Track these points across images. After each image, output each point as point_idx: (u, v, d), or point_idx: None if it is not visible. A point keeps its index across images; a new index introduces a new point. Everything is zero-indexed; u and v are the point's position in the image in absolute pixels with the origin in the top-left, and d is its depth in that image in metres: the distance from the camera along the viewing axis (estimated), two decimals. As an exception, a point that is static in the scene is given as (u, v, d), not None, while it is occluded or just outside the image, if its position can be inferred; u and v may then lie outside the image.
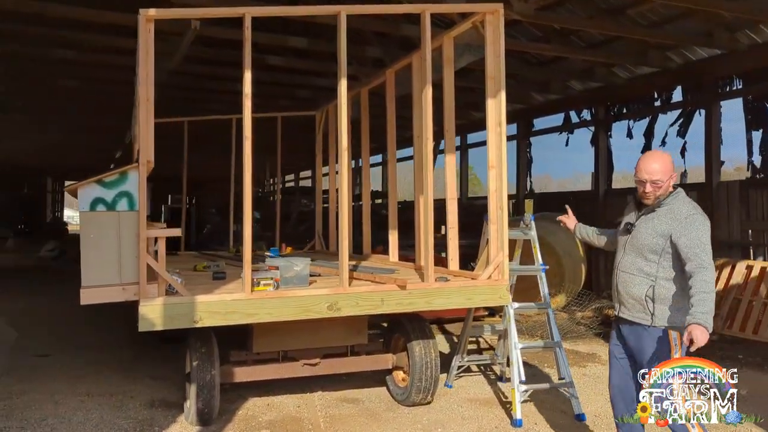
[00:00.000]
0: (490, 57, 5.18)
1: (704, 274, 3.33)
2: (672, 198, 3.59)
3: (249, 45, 4.48)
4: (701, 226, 3.45)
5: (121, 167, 4.34)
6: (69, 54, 10.65)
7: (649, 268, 3.55)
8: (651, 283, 3.53)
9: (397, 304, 4.74)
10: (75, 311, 8.55)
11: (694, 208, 3.55)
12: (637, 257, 3.61)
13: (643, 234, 3.59)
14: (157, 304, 4.09)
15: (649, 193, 3.60)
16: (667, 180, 3.58)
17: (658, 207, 3.59)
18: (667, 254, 3.51)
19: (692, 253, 3.38)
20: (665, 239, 3.49)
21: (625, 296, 3.65)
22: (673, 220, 3.49)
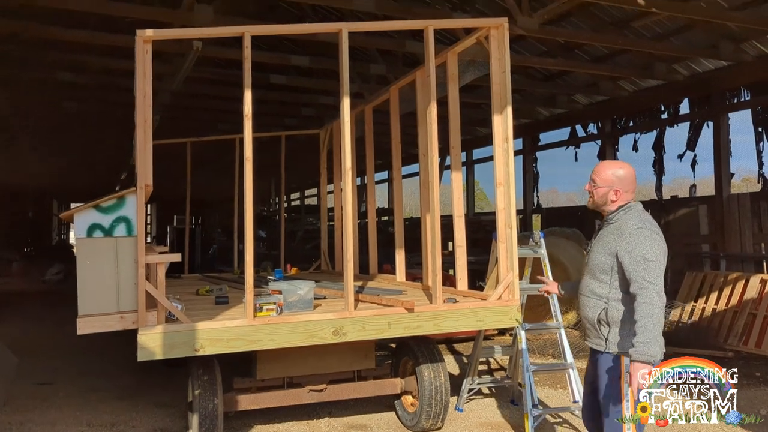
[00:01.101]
0: (496, 72, 5.08)
1: (645, 296, 3.08)
2: (623, 212, 3.33)
3: (249, 64, 4.39)
4: (646, 242, 3.16)
5: (121, 191, 4.24)
6: (72, 77, 10.64)
7: (601, 289, 3.32)
8: (603, 305, 3.30)
9: (405, 328, 4.60)
10: (78, 336, 8.45)
11: (643, 222, 3.25)
12: (591, 279, 3.39)
13: (594, 254, 3.38)
14: (157, 333, 3.96)
15: (589, 190, 3.45)
16: (603, 186, 3.37)
17: (610, 224, 3.36)
18: (616, 273, 3.26)
19: (634, 271, 3.13)
20: (612, 257, 3.25)
21: (584, 320, 3.45)
22: (619, 237, 3.25)
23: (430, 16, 7.96)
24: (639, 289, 3.10)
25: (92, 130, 15.78)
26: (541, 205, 15.47)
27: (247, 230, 4.34)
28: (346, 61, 4.69)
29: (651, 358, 3.01)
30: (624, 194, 3.36)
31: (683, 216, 11.09)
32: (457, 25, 6.66)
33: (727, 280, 9.17)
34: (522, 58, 10.39)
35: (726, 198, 10.20)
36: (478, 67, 5.78)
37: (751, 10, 8.24)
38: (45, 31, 8.55)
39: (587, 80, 11.76)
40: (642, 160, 12.36)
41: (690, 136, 11.17)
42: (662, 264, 3.16)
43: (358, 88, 11.09)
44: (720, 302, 9.03)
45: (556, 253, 8.76)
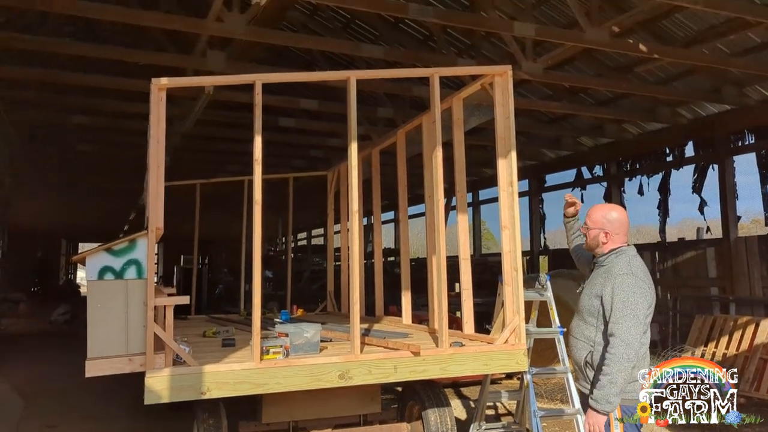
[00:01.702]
0: (500, 118, 5.17)
1: (612, 345, 3.12)
2: (614, 256, 3.36)
3: (260, 111, 4.49)
4: (628, 289, 3.17)
5: (134, 232, 4.31)
6: (85, 119, 10.87)
7: (589, 332, 3.34)
8: (590, 348, 3.31)
9: (411, 372, 4.58)
10: (84, 378, 8.43)
11: (630, 268, 3.27)
12: (580, 321, 3.42)
13: (584, 296, 3.42)
14: (164, 376, 3.97)
15: (584, 232, 3.50)
16: (594, 228, 3.42)
17: (600, 266, 3.40)
18: (602, 317, 3.27)
19: (612, 317, 3.16)
20: (599, 300, 3.28)
21: (574, 362, 3.46)
22: (606, 280, 3.28)
23: (436, 62, 8.14)
24: (611, 336, 3.15)
25: (102, 171, 16.01)
26: (548, 246, 15.46)
27: (256, 272, 4.38)
28: (354, 108, 4.79)
29: (603, 408, 3.07)
30: (614, 237, 3.40)
31: (691, 259, 11.06)
32: (462, 73, 6.81)
33: (737, 324, 9.09)
34: (527, 101, 10.56)
35: (733, 241, 10.19)
36: (483, 111, 5.89)
37: (752, 56, 8.39)
38: (60, 76, 8.78)
39: (592, 123, 11.91)
40: (648, 201, 12.43)
41: (696, 179, 11.22)
42: (643, 312, 3.17)
43: (366, 131, 11.27)
44: (730, 347, 8.93)
45: (564, 295, 8.69)
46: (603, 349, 3.24)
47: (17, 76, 8.58)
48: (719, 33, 8.01)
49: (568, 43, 7.45)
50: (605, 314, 3.24)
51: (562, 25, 8.47)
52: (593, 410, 3.12)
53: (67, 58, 9.15)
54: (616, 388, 3.09)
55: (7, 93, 9.13)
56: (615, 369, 3.09)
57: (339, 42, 9.20)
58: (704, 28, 8.14)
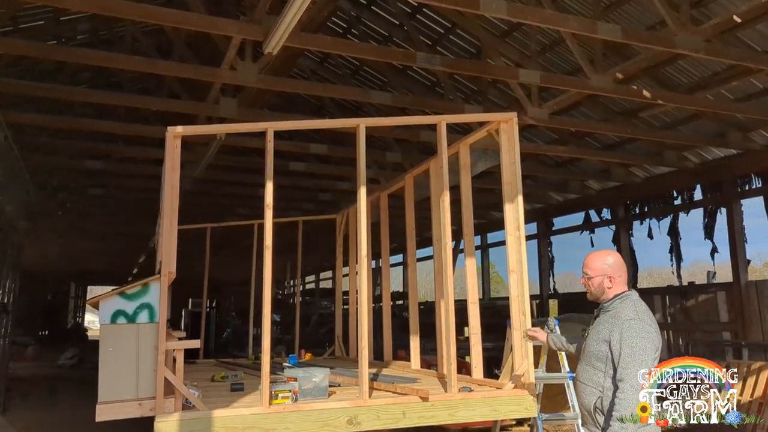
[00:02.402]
0: (506, 163, 5.26)
1: (623, 390, 3.14)
2: (619, 301, 3.41)
3: (271, 158, 4.60)
4: (636, 334, 3.22)
5: (144, 274, 4.37)
6: (97, 164, 11.07)
7: (597, 377, 3.35)
8: (599, 393, 3.32)
9: (420, 417, 4.56)
10: (91, 425, 8.38)
11: (637, 313, 3.32)
12: (587, 366, 3.42)
13: (590, 341, 3.42)
14: (174, 420, 3.97)
15: (585, 284, 3.55)
16: (597, 276, 3.47)
17: (606, 312, 3.43)
18: (610, 362, 3.29)
19: (621, 362, 3.19)
20: (607, 345, 3.30)
21: (581, 407, 3.47)
22: (613, 325, 3.31)
23: (444, 108, 8.31)
24: (620, 381, 3.18)
25: (113, 215, 16.20)
26: (557, 290, 15.39)
27: (265, 318, 4.41)
28: (363, 154, 4.90)
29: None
30: (617, 280, 3.47)
31: (702, 303, 10.98)
32: (468, 120, 6.94)
33: (751, 369, 8.95)
34: (534, 145, 10.69)
35: (744, 285, 10.13)
36: (490, 157, 5.99)
37: (755, 101, 8.51)
38: (74, 122, 9.00)
39: (599, 166, 12.00)
40: (658, 245, 12.41)
41: (706, 224, 11.22)
42: (650, 356, 3.20)
43: (375, 174, 11.41)
44: (744, 393, 8.77)
45: (573, 339, 8.67)
46: (612, 393, 3.25)
47: (33, 122, 8.80)
48: (722, 79, 8.14)
49: (573, 89, 7.59)
50: (614, 359, 3.26)
51: (567, 71, 8.65)
52: None
53: (82, 105, 9.38)
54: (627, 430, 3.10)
55: (24, 138, 9.34)
56: (625, 414, 3.10)
57: (348, 89, 9.41)
58: (707, 74, 8.28)
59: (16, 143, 9.04)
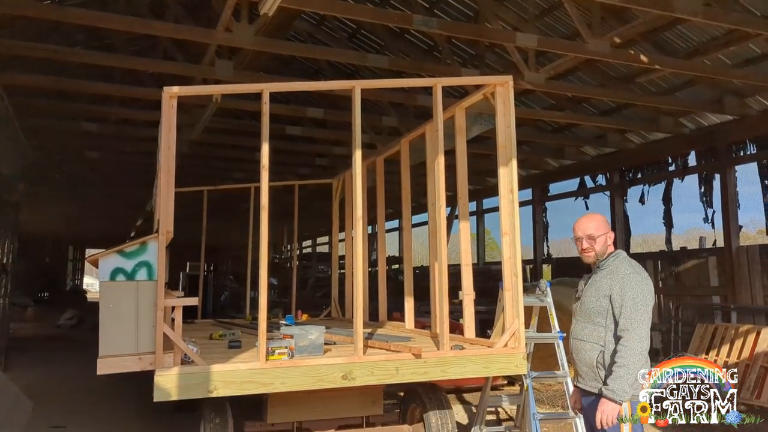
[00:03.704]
0: (501, 127, 5.29)
1: (627, 339, 3.25)
2: (612, 258, 3.54)
3: (267, 119, 4.63)
4: (637, 286, 3.35)
5: (141, 237, 4.44)
6: (93, 127, 11.04)
7: (598, 332, 3.45)
8: (601, 348, 3.42)
9: (413, 374, 4.69)
10: (90, 380, 8.54)
11: (633, 267, 3.46)
12: (586, 323, 3.53)
13: (589, 298, 3.53)
14: (173, 374, 4.09)
15: (587, 248, 3.59)
16: (601, 235, 3.57)
17: (600, 269, 3.55)
18: (611, 316, 3.41)
19: (623, 313, 3.30)
20: (607, 300, 3.41)
21: (580, 364, 3.55)
22: (612, 280, 3.43)
23: (440, 72, 8.28)
24: (623, 332, 3.28)
25: (109, 178, 16.21)
26: (551, 254, 15.54)
27: (262, 276, 4.50)
28: (359, 117, 4.92)
29: (619, 398, 3.20)
30: (612, 237, 3.62)
31: (693, 268, 11.12)
32: (464, 83, 6.95)
33: (739, 332, 9.15)
34: (530, 111, 10.69)
35: (735, 250, 10.25)
36: (485, 120, 6.02)
37: (753, 66, 8.49)
38: (71, 84, 8.95)
39: (595, 132, 12.02)
40: (653, 211, 12.51)
41: (703, 191, 11.28)
42: (650, 308, 3.33)
43: (371, 139, 11.41)
44: (731, 355, 8.99)
45: (565, 302, 8.80)
46: (614, 346, 3.35)
47: (29, 83, 8.75)
48: (720, 44, 8.12)
49: (570, 53, 7.57)
50: (614, 313, 3.37)
51: (565, 35, 8.60)
52: (609, 400, 3.23)
53: (78, 66, 9.32)
54: (631, 378, 3.22)
55: (19, 101, 9.30)
56: (631, 361, 3.22)
57: (345, 52, 9.35)
58: (705, 39, 8.25)
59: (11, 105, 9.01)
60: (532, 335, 5.66)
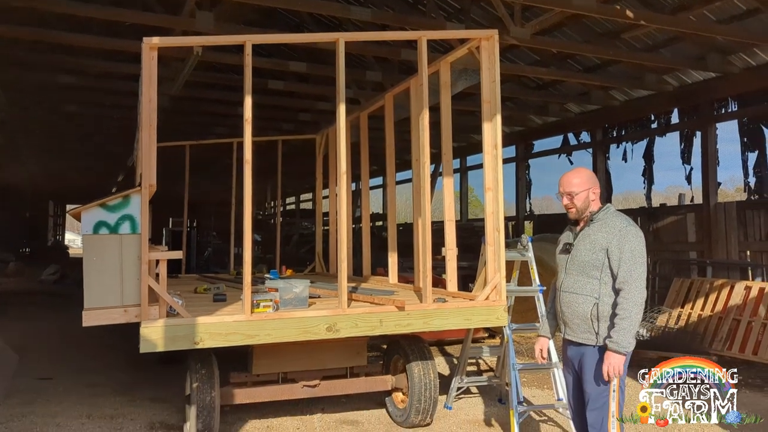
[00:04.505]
0: (486, 82, 5.28)
1: (628, 291, 3.31)
2: (603, 212, 3.56)
3: (249, 71, 4.57)
4: (634, 239, 3.39)
5: (124, 191, 4.42)
6: (73, 80, 10.81)
7: (592, 285, 3.47)
8: (595, 301, 3.45)
9: (396, 325, 4.78)
10: (76, 334, 8.60)
11: (627, 221, 3.50)
12: (579, 276, 3.53)
13: (583, 251, 3.53)
14: (158, 326, 4.14)
15: (569, 204, 3.62)
16: (582, 191, 3.57)
17: (592, 222, 3.55)
18: (607, 269, 3.44)
19: (622, 266, 3.35)
20: (603, 253, 3.44)
21: (570, 317, 3.57)
22: (608, 233, 3.45)
23: (425, 26, 8.17)
24: (623, 284, 3.33)
25: (90, 133, 15.95)
26: (533, 211, 15.69)
27: (246, 228, 4.52)
28: (342, 70, 4.88)
29: (624, 349, 3.26)
30: (598, 192, 3.63)
31: (672, 224, 11.32)
32: (449, 36, 6.87)
33: (713, 286, 9.39)
34: (515, 66, 10.62)
35: (713, 206, 10.43)
36: (470, 75, 5.99)
37: (737, 23, 8.49)
38: (48, 35, 8.72)
39: (579, 89, 12.00)
40: (636, 169, 12.62)
41: (683, 149, 11.40)
42: (645, 259, 3.39)
43: (354, 95, 11.31)
44: (706, 308, 9.24)
45: (546, 258, 8.93)
46: (610, 299, 3.40)
47: (6, 34, 8.50)
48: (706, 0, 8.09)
49: (556, 8, 7.50)
50: (611, 266, 3.40)
51: (551, -11, 8.50)
52: (614, 352, 3.28)
53: (55, 17, 9.07)
54: (634, 330, 3.30)
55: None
56: (633, 312, 3.28)
57: (328, 4, 9.14)
58: (691, -6, 8.21)
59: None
60: (513, 289, 5.77)
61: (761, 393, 6.64)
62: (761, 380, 7.19)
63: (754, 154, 10.35)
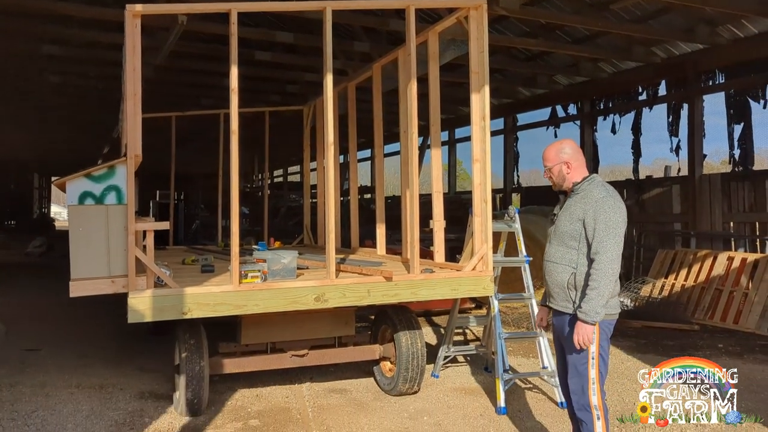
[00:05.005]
0: (474, 52, 5.25)
1: (598, 262, 3.33)
2: (587, 183, 3.57)
3: (235, 40, 4.53)
4: (610, 210, 3.39)
5: (109, 161, 4.39)
6: (55, 49, 10.62)
7: (570, 255, 3.52)
8: (573, 270, 3.50)
9: (383, 295, 4.82)
10: (63, 306, 8.59)
11: (607, 191, 3.49)
12: (559, 246, 3.59)
13: (563, 221, 3.59)
14: (146, 296, 4.14)
15: (549, 178, 3.68)
16: (555, 165, 3.61)
17: (575, 194, 3.58)
18: (584, 239, 3.47)
19: (596, 236, 3.37)
20: (581, 224, 3.47)
21: (552, 286, 3.64)
22: (585, 204, 3.47)
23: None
24: (595, 254, 3.36)
25: (74, 104, 15.73)
26: (521, 184, 15.75)
27: (233, 199, 4.51)
28: (330, 39, 4.84)
29: (592, 319, 3.32)
30: (574, 164, 3.61)
31: (657, 195, 11.42)
32: (438, 5, 6.80)
33: (697, 257, 9.53)
34: (504, 38, 10.56)
35: (698, 178, 10.52)
36: (458, 46, 5.95)
37: (725, -6, 8.47)
38: (30, 3, 8.54)
39: (568, 61, 11.97)
40: (623, 142, 12.68)
41: (671, 121, 11.44)
42: (623, 231, 3.39)
43: (342, 65, 11.21)
44: (689, 278, 9.38)
45: (533, 229, 9.03)
46: (588, 268, 3.44)
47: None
48: (696, -32, 8.05)
49: (545, -22, 7.44)
50: (587, 236, 3.44)
51: (541, -41, 8.43)
52: (583, 322, 3.35)
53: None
54: (603, 300, 3.32)
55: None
56: (602, 283, 3.30)
57: (315, -28, 9.04)
58: (681, -37, 8.16)
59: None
60: (500, 259, 5.81)
61: (740, 360, 6.79)
62: (740, 348, 7.34)
63: (740, 126, 10.43)
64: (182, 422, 4.75)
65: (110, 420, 4.79)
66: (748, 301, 8.38)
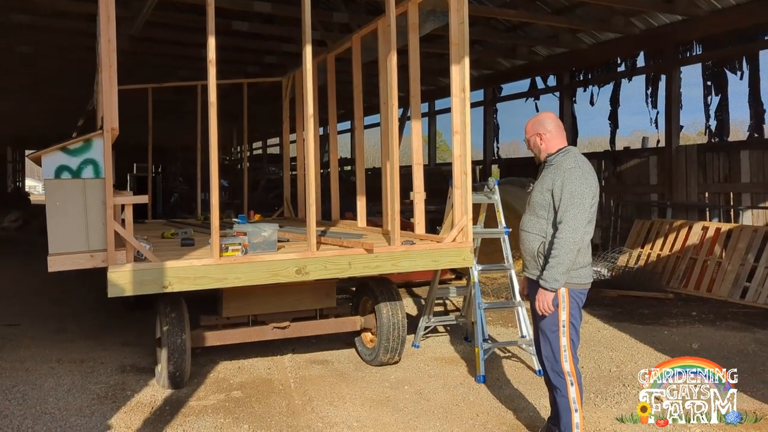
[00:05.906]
0: (454, 23, 5.22)
1: (561, 231, 3.39)
2: (561, 155, 3.61)
3: (212, 10, 4.45)
4: (577, 180, 3.43)
5: (85, 135, 4.32)
6: (25, 19, 10.33)
7: (541, 224, 3.59)
8: (542, 239, 3.57)
9: (365, 268, 4.85)
10: (41, 281, 8.52)
11: (577, 162, 3.53)
12: (531, 215, 3.66)
13: (535, 192, 3.65)
14: (126, 271, 4.12)
15: (530, 150, 3.77)
16: (531, 136, 3.71)
17: (549, 164, 3.64)
18: (552, 209, 3.53)
19: (561, 206, 3.43)
20: (549, 194, 3.53)
21: (525, 254, 3.72)
22: (555, 174, 3.53)
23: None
24: (559, 223, 3.43)
25: (47, 76, 15.37)
26: (500, 155, 15.81)
27: (213, 172, 4.48)
28: (308, 9, 4.77)
29: (551, 286, 3.42)
30: (548, 136, 3.66)
31: (634, 166, 11.55)
32: (418, -25, 6.70)
33: (672, 227, 9.70)
34: (484, 8, 10.50)
35: (675, 149, 10.65)
36: (438, 16, 5.90)
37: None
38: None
39: (548, 32, 11.95)
40: (601, 113, 12.75)
41: (650, 93, 11.51)
42: (588, 202, 3.43)
43: (321, 36, 11.07)
44: (665, 248, 9.56)
45: (512, 201, 9.09)
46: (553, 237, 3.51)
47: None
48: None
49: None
50: (555, 205, 3.50)
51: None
52: (543, 289, 3.45)
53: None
54: (562, 268, 3.39)
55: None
56: (562, 251, 3.38)
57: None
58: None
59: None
60: (480, 231, 5.87)
61: (713, 327, 6.97)
62: (713, 315, 7.53)
63: (717, 97, 10.53)
64: (164, 395, 4.78)
65: (92, 393, 4.80)
66: (722, 270, 8.57)
